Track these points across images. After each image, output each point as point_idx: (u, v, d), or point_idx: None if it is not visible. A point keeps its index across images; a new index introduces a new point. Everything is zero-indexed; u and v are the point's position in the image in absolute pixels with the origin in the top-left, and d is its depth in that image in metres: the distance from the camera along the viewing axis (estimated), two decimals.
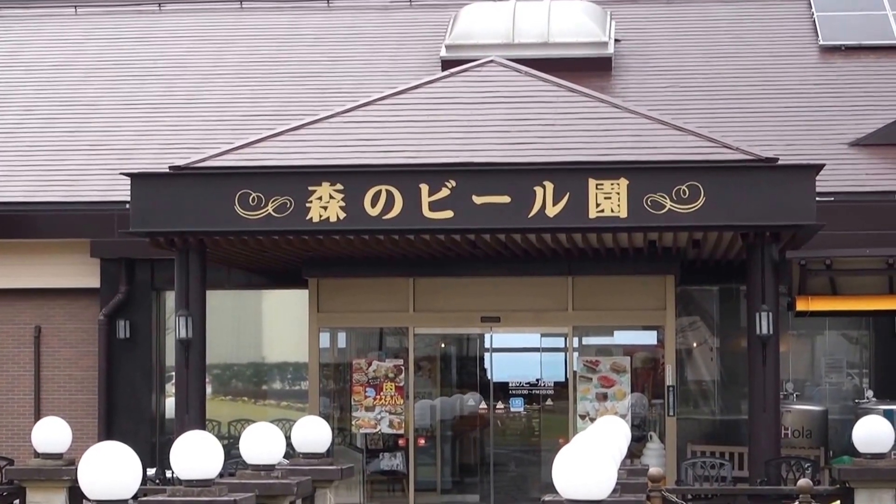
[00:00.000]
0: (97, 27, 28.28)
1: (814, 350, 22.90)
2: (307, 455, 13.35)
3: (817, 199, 17.13)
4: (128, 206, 17.98)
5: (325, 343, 21.61)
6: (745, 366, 18.69)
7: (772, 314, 17.44)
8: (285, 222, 17.27)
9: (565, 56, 25.45)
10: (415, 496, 21.14)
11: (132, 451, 8.87)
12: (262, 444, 11.97)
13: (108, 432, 21.81)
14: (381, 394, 21.08)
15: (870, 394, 20.69)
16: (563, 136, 18.33)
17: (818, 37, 26.26)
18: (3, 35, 28.15)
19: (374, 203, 17.17)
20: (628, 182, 16.92)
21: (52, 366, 22.99)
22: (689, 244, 19.18)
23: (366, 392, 21.12)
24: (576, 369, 20.95)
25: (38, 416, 21.49)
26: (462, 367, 22.61)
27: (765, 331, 17.42)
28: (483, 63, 20.36)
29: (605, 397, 20.60)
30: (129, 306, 22.59)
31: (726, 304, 22.33)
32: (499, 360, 21.92)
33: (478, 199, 17.11)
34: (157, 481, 16.70)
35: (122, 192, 19.83)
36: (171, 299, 20.56)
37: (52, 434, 13.98)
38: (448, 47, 26.08)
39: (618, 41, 26.49)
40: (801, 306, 18.93)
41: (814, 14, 26.94)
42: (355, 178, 17.33)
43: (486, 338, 21.72)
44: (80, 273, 22.69)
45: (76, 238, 22.40)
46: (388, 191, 17.17)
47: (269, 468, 11.94)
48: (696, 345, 22.48)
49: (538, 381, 21.73)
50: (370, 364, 21.24)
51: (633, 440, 15.15)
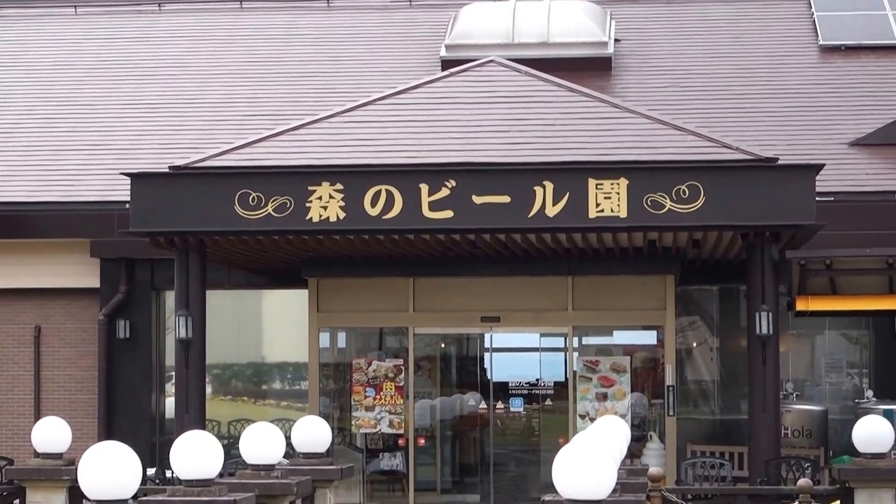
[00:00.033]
0: (97, 27, 28.28)
1: (814, 350, 22.89)
2: (307, 455, 13.34)
3: (817, 199, 17.13)
4: (128, 205, 17.98)
5: (324, 343, 21.61)
6: (745, 366, 18.68)
7: (772, 314, 17.44)
8: (285, 222, 17.26)
9: (565, 56, 25.44)
10: (415, 496, 21.13)
11: (132, 451, 8.87)
12: (262, 443, 11.97)
13: (108, 432, 21.80)
14: (381, 394, 21.07)
15: (870, 394, 20.68)
16: (562, 136, 18.32)
17: (818, 37, 26.25)
18: (3, 35, 28.14)
19: (373, 203, 17.17)
20: (628, 182, 16.91)
21: (52, 366, 22.98)
22: (689, 244, 19.17)
23: (366, 392, 21.11)
24: (576, 369, 20.94)
25: (38, 416, 21.48)
26: (462, 366, 22.60)
27: (765, 331, 17.41)
28: (483, 63, 20.35)
29: (604, 397, 20.60)
30: (129, 306, 22.59)
31: (726, 304, 22.32)
32: (499, 360, 21.91)
33: (478, 199, 17.10)
34: (157, 481, 16.70)
35: (121, 191, 19.82)
36: (171, 299, 20.55)
37: (51, 434, 13.97)
38: (448, 47, 26.07)
39: (618, 41, 26.48)
40: (801, 306, 18.92)
41: (814, 14, 26.93)
42: (355, 178, 17.32)
43: (486, 338, 21.71)
44: (80, 273, 22.69)
45: (76, 238, 22.40)
46: (387, 191, 17.17)
47: (268, 468, 11.94)
48: (695, 345, 22.47)
49: (538, 380, 21.73)
50: (370, 364, 21.23)
51: (633, 440, 15.15)
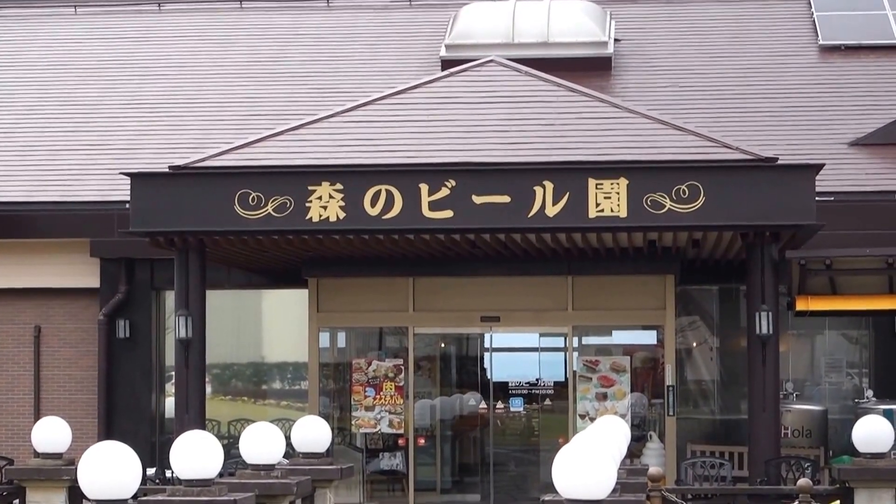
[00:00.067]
0: (97, 27, 28.27)
1: (813, 350, 22.88)
2: (307, 455, 13.34)
3: (817, 198, 17.12)
4: (127, 205, 17.98)
5: (324, 343, 21.61)
6: (744, 365, 18.67)
7: (771, 314, 17.44)
8: (285, 222, 17.26)
9: (565, 56, 25.43)
10: (414, 496, 21.13)
11: (132, 450, 8.86)
12: (262, 443, 11.97)
13: (108, 432, 21.80)
14: (381, 393, 21.07)
15: (869, 393, 20.68)
16: (562, 136, 18.32)
17: (818, 36, 26.24)
18: (3, 35, 28.14)
19: (373, 203, 17.16)
20: (628, 182, 16.91)
21: (52, 366, 22.98)
22: (689, 244, 19.17)
23: (365, 392, 21.11)
24: (575, 369, 20.94)
25: (37, 416, 21.48)
26: (462, 366, 22.60)
27: (764, 330, 17.41)
28: (483, 63, 20.35)
29: (604, 397, 20.60)
30: (129, 306, 22.59)
31: (726, 304, 22.32)
32: (498, 360, 21.91)
33: (477, 199, 17.10)
34: (157, 481, 16.70)
35: (121, 191, 19.83)
36: (170, 299, 20.54)
37: (51, 434, 13.96)
38: (448, 47, 26.07)
39: (618, 41, 26.47)
40: (801, 306, 18.92)
41: (813, 14, 26.93)
42: (355, 178, 17.32)
43: (486, 337, 21.71)
44: (80, 273, 22.69)
45: (76, 238, 22.40)
46: (387, 190, 17.16)
47: (268, 468, 11.93)
48: (695, 344, 22.47)
49: (538, 380, 21.73)
50: (370, 364, 21.23)
51: (632, 440, 15.14)
